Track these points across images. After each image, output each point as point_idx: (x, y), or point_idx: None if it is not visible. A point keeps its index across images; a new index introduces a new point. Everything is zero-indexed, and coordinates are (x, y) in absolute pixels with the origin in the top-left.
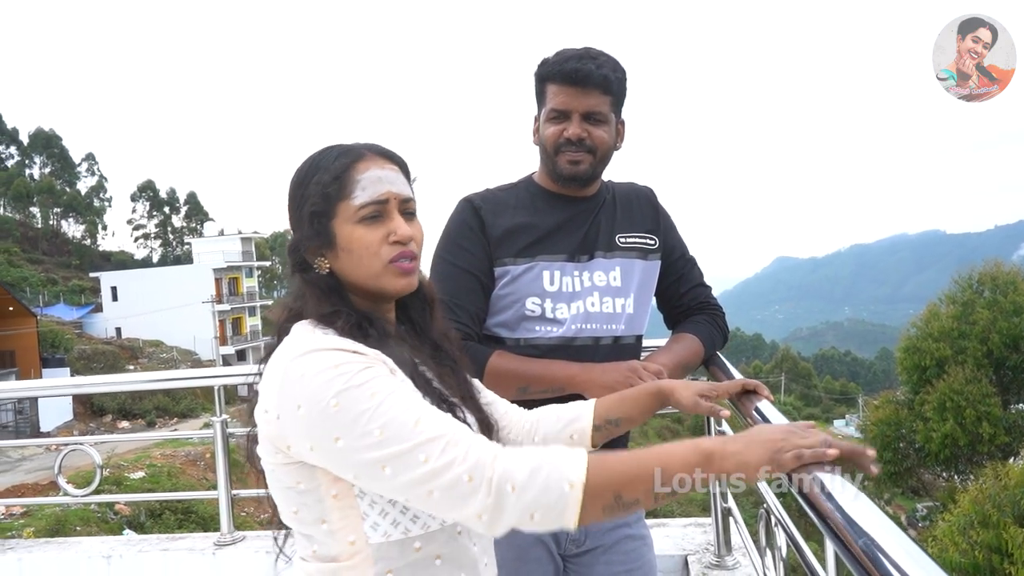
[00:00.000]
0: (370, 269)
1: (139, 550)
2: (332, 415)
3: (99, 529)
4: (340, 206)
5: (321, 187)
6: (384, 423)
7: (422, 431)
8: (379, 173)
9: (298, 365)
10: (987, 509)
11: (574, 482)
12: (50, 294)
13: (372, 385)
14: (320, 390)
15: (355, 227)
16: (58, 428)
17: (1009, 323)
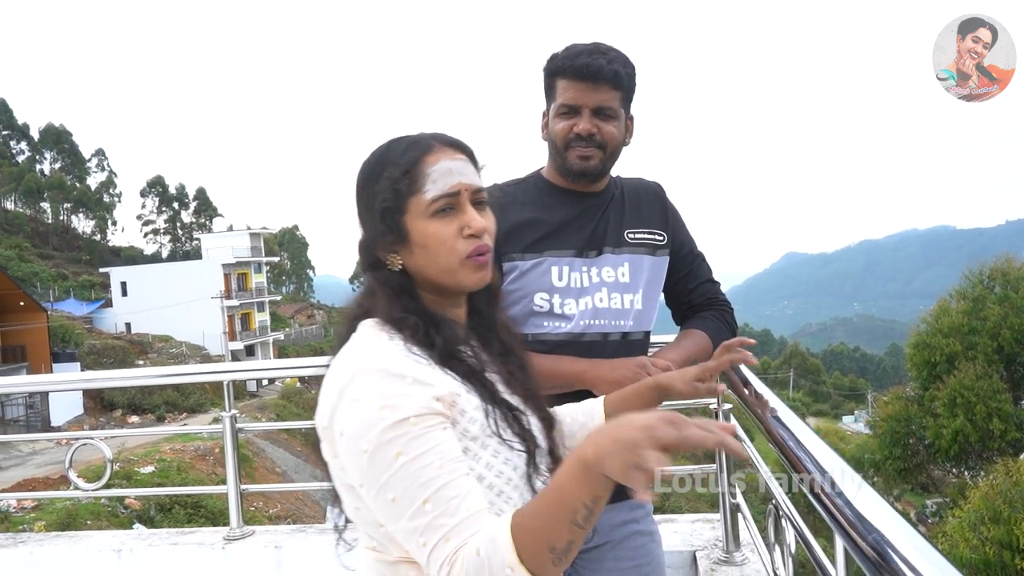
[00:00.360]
0: (446, 264)
1: (149, 544)
2: (362, 459)
3: (109, 523)
4: (411, 201)
5: (391, 182)
6: (399, 492)
7: (427, 512)
8: (449, 164)
9: (355, 385)
10: (998, 505)
11: (512, 565)
12: (60, 289)
13: (400, 443)
14: (360, 431)
15: (428, 222)
16: (68, 422)
17: (1020, 319)
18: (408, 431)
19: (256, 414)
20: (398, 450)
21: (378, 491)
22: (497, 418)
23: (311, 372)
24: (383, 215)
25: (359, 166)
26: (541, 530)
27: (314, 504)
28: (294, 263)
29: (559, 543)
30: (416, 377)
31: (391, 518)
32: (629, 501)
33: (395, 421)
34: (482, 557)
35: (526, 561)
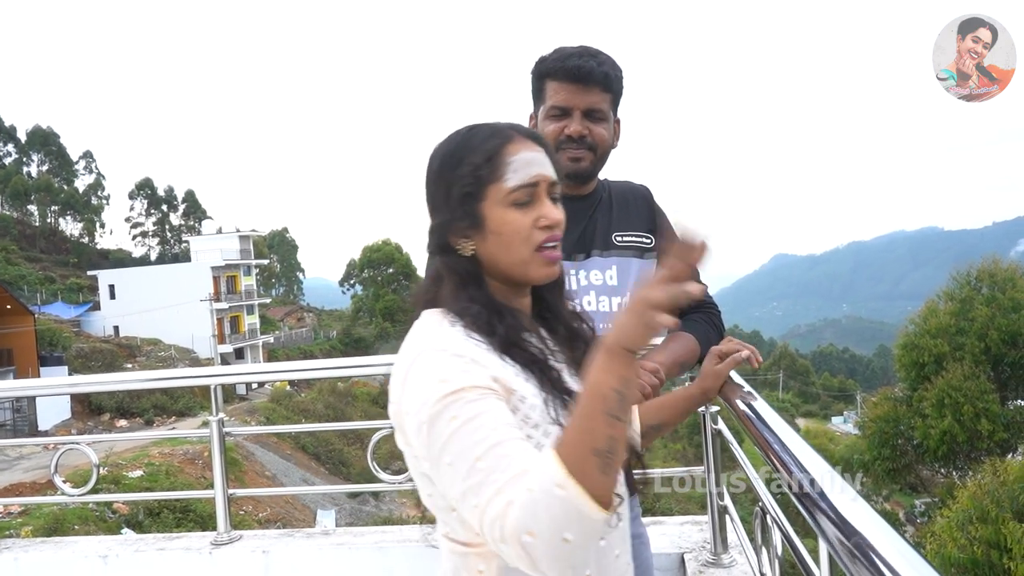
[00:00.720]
0: (519, 255)
1: (136, 549)
2: (423, 433)
3: (97, 528)
4: (491, 188)
5: (473, 168)
6: (455, 456)
7: (480, 470)
8: (529, 155)
9: (416, 368)
10: (986, 505)
11: (561, 482)
12: (48, 292)
13: (455, 408)
14: (418, 402)
15: (507, 210)
16: (56, 427)
17: (1007, 319)
18: (463, 396)
19: (246, 417)
20: (453, 414)
21: (437, 458)
22: (558, 406)
23: (301, 376)
24: (462, 200)
25: (434, 150)
26: (580, 435)
27: (304, 508)
28: (284, 266)
29: (600, 442)
30: (474, 358)
31: (449, 485)
32: None
33: (451, 390)
34: (533, 490)
35: (574, 474)
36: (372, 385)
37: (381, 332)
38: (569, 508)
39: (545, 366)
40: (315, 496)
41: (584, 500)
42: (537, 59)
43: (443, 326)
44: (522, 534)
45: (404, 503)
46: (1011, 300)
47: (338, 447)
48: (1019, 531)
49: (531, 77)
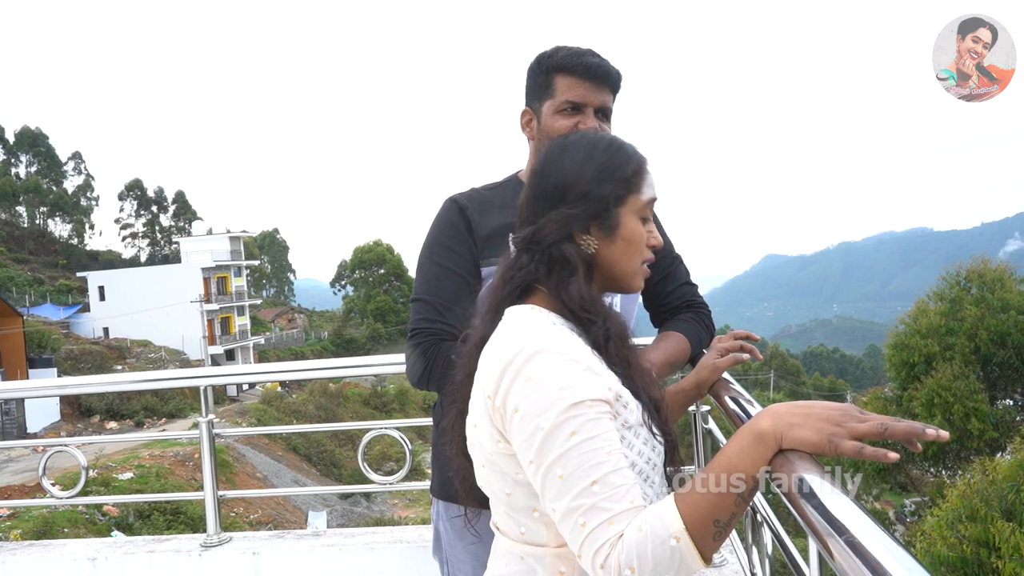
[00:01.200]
0: (633, 264)
1: (125, 552)
2: (537, 436)
3: (87, 531)
4: (632, 198)
5: (627, 174)
6: (569, 470)
7: (594, 494)
8: (652, 180)
9: (530, 367)
10: (975, 504)
11: (678, 535)
12: (37, 294)
13: (577, 423)
14: (537, 408)
15: (637, 222)
16: (45, 429)
17: (997, 320)
18: (584, 413)
19: (236, 419)
20: (573, 430)
21: (548, 467)
22: (647, 410)
23: (292, 376)
24: (604, 200)
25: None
26: (708, 502)
27: (295, 509)
28: (274, 267)
29: (723, 515)
30: (590, 365)
31: (554, 496)
32: None
33: (574, 402)
34: (645, 532)
35: (691, 533)
36: (363, 386)
37: (373, 333)
38: (677, 559)
39: (639, 372)
40: (307, 498)
41: (693, 555)
42: (540, 55)
43: (556, 324)
44: (624, 569)
45: (396, 504)
46: (1000, 300)
47: (329, 448)
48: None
49: (534, 71)
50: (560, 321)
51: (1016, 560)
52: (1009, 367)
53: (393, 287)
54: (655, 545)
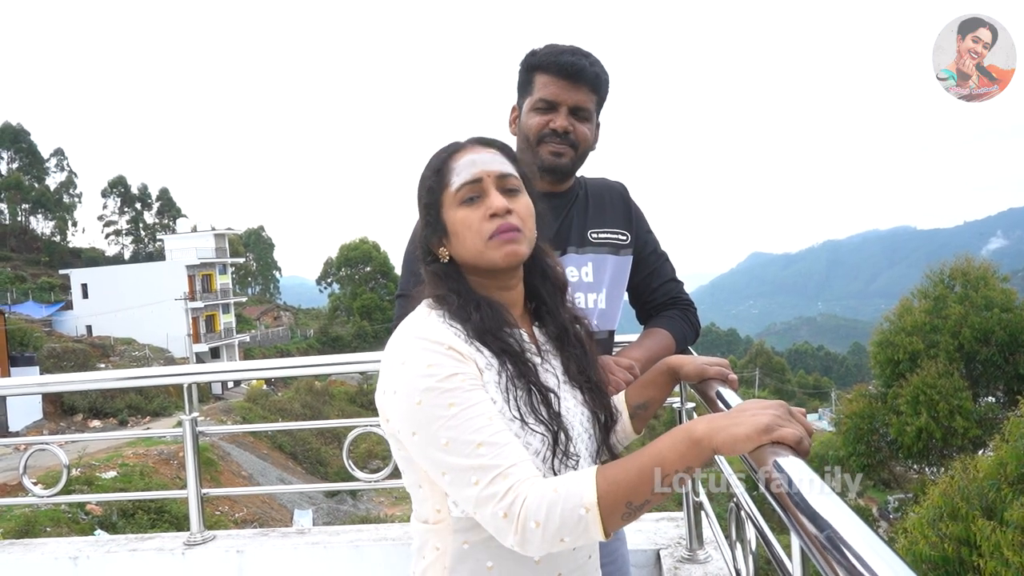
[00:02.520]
0: (473, 246)
1: (107, 551)
2: (415, 410)
3: (70, 530)
4: (444, 195)
5: (427, 182)
6: (452, 436)
7: (481, 455)
8: (472, 157)
9: (402, 351)
10: (956, 502)
11: (588, 505)
12: (19, 291)
13: (453, 395)
14: (411, 383)
15: (457, 210)
16: (27, 427)
17: (980, 317)
18: (459, 385)
19: (221, 417)
20: (451, 401)
21: (431, 437)
22: (519, 400)
23: (277, 374)
24: (426, 212)
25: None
26: (626, 484)
27: (281, 508)
28: (260, 264)
29: (637, 500)
30: (451, 345)
31: (441, 462)
32: None
33: (445, 376)
34: (559, 494)
35: (602, 507)
36: (349, 384)
37: (359, 331)
38: (581, 525)
39: (519, 358)
40: (292, 496)
41: (597, 528)
42: (527, 52)
43: (431, 316)
44: (530, 520)
45: (382, 502)
46: (984, 298)
47: (315, 446)
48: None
49: (519, 69)
50: (437, 310)
51: (997, 559)
52: (992, 364)
53: (379, 285)
54: (565, 508)
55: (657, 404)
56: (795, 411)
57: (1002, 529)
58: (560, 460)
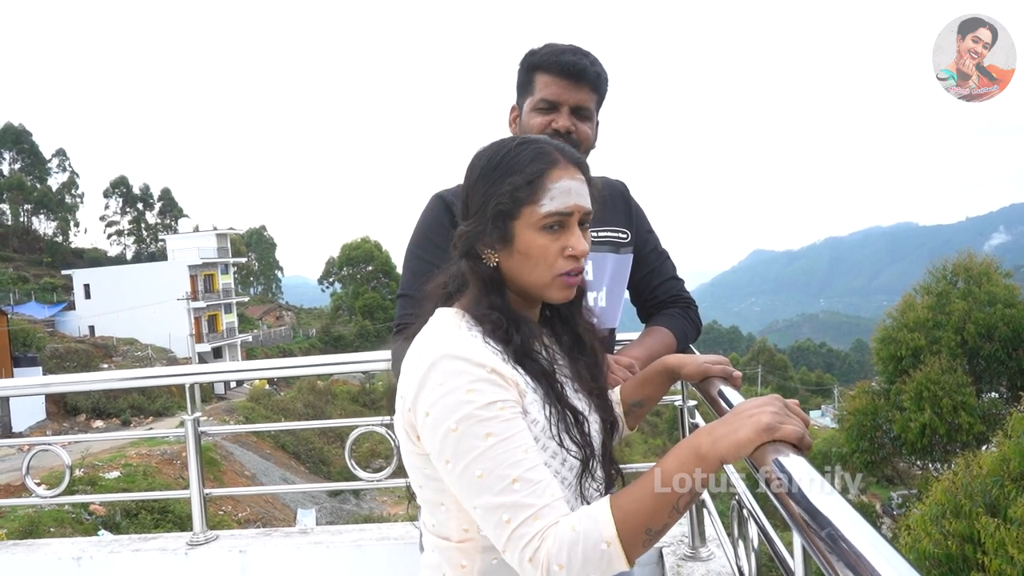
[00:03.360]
0: (541, 278)
1: (110, 551)
2: (450, 438)
3: (73, 530)
4: (526, 210)
5: (513, 188)
6: (487, 468)
7: (515, 491)
8: (569, 184)
9: (439, 371)
10: (959, 498)
11: (609, 540)
12: (21, 292)
13: (491, 424)
14: (448, 409)
15: (537, 234)
16: (31, 428)
17: (984, 313)
18: (498, 415)
19: (224, 417)
20: (488, 431)
21: (465, 467)
22: (558, 423)
23: (279, 374)
24: (496, 216)
25: (477, 155)
26: (642, 511)
27: (284, 507)
28: (262, 264)
29: (656, 525)
30: (495, 368)
31: (473, 494)
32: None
33: (485, 403)
34: (578, 532)
35: (623, 539)
36: (352, 383)
37: (361, 330)
38: (605, 559)
39: (554, 380)
40: (295, 495)
41: (621, 560)
42: (527, 52)
43: (462, 330)
44: (553, 564)
45: (385, 501)
46: (987, 294)
47: (318, 446)
48: (992, 525)
49: (519, 69)
50: (476, 327)
51: (1001, 556)
52: (996, 360)
53: (381, 284)
54: (586, 546)
55: (653, 402)
56: (790, 404)
57: (1006, 526)
58: (587, 482)
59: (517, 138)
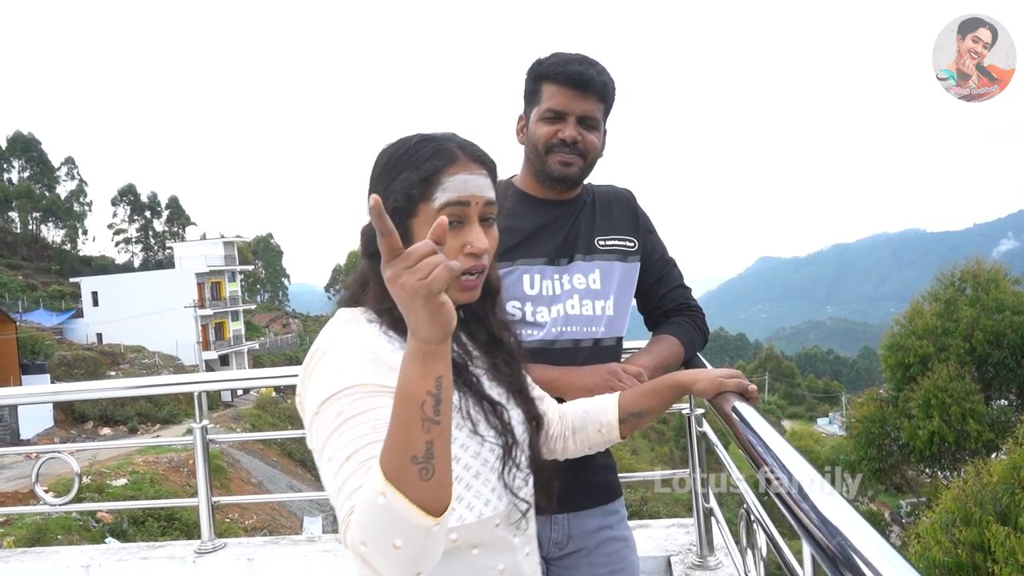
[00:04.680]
0: None
1: (118, 559)
2: (313, 424)
3: (81, 538)
4: (422, 206)
5: (407, 186)
6: (333, 451)
7: (346, 471)
8: (466, 177)
9: (324, 360)
10: (969, 507)
11: (383, 490)
12: (29, 300)
13: (343, 403)
14: (315, 393)
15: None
16: (38, 435)
17: (992, 320)
18: (355, 393)
19: (231, 424)
20: (339, 410)
21: (320, 450)
22: (471, 412)
23: (286, 382)
24: (392, 215)
25: (380, 152)
26: (397, 443)
27: (290, 515)
28: (269, 272)
29: (418, 448)
30: (381, 355)
31: (325, 479)
32: (603, 507)
33: (345, 386)
34: (361, 501)
35: (394, 482)
36: None
37: None
38: (393, 515)
39: (463, 369)
40: (302, 503)
41: (406, 507)
42: (534, 61)
43: (360, 323)
44: (357, 544)
45: None
46: (995, 301)
47: None
48: (1003, 534)
49: (526, 78)
50: (376, 321)
51: (1012, 565)
52: (1004, 367)
53: None
54: (369, 511)
55: (653, 416)
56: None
57: (1017, 535)
58: (510, 471)
59: (419, 135)
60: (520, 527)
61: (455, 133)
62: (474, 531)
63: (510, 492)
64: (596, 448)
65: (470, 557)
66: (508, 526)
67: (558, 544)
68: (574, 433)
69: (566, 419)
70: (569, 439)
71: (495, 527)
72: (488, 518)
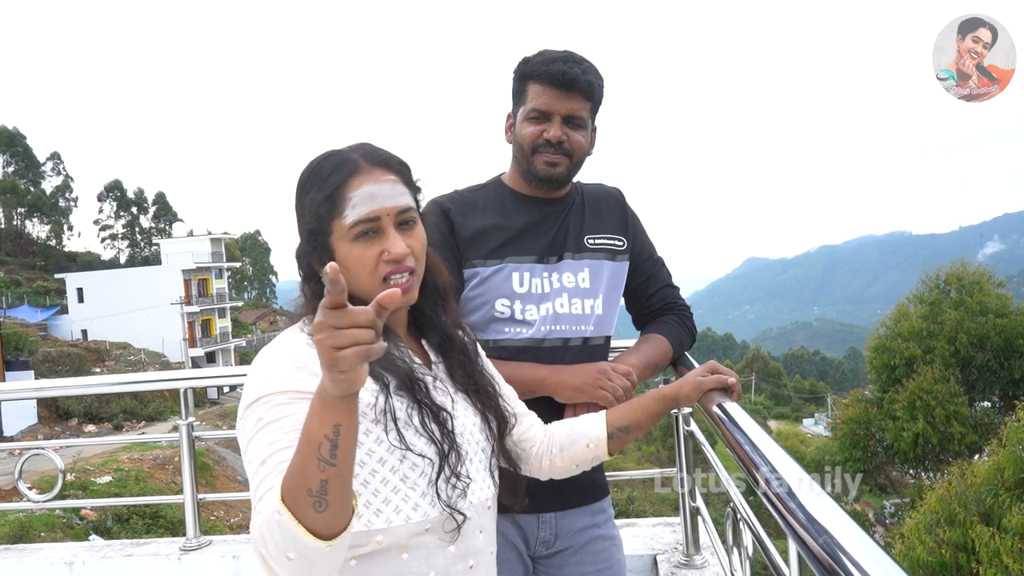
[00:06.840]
0: (366, 286)
1: (102, 556)
2: (239, 426)
3: (64, 535)
4: (334, 224)
5: (315, 206)
6: (251, 457)
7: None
8: (371, 189)
9: (252, 374)
10: (954, 507)
11: (279, 509)
12: (14, 295)
13: (263, 410)
14: (243, 399)
15: (351, 245)
16: (22, 432)
17: (976, 323)
18: (274, 399)
19: (217, 422)
20: (259, 415)
21: (244, 455)
22: (411, 417)
23: None
24: (309, 236)
25: (300, 176)
26: (296, 474)
27: None
28: (256, 269)
29: (313, 484)
30: (308, 364)
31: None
32: (590, 506)
33: (266, 392)
34: (263, 511)
35: (289, 506)
36: None
37: None
38: (285, 533)
39: (406, 375)
40: None
41: (297, 529)
42: (521, 59)
43: (295, 332)
44: (260, 549)
45: None
46: (979, 303)
47: None
48: (987, 534)
49: (513, 77)
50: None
51: (996, 566)
52: (988, 370)
53: None
54: (268, 523)
55: (641, 430)
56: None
57: (1000, 535)
58: (447, 480)
59: (324, 153)
60: (455, 536)
61: (366, 142)
62: (402, 535)
63: (445, 506)
64: (583, 466)
65: (399, 561)
66: (442, 533)
67: (545, 543)
68: (562, 450)
69: (554, 437)
70: (556, 456)
71: (425, 531)
72: (417, 523)
